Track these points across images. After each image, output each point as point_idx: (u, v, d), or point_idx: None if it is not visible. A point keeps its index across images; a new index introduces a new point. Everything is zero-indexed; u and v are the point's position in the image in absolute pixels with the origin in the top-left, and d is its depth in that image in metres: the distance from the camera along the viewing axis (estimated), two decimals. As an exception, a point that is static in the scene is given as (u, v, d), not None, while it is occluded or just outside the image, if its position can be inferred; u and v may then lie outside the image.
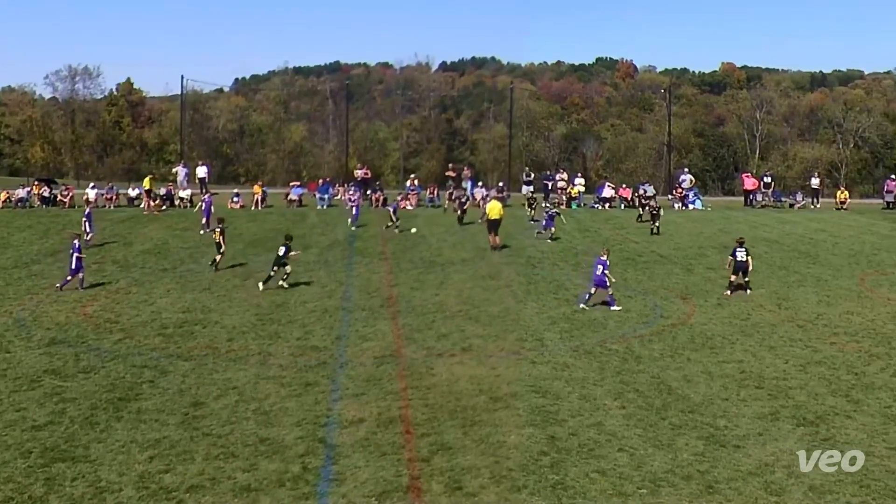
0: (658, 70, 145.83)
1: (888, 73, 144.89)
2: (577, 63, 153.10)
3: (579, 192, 54.30)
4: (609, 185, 55.66)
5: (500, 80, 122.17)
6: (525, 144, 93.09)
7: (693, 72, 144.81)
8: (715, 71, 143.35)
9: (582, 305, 24.72)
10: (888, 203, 54.60)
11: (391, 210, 41.26)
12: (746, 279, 27.31)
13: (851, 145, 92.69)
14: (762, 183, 57.21)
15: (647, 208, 42.84)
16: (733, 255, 27.26)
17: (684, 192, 53.94)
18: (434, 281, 28.64)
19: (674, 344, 20.85)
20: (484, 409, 15.82)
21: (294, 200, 51.93)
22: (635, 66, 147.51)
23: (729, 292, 26.91)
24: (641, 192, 50.98)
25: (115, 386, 16.96)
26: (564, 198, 50.99)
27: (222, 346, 20.27)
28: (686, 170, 60.92)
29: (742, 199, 57.43)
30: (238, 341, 20.67)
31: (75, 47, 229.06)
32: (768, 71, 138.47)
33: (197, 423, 14.98)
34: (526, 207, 45.13)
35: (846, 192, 57.81)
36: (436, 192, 50.10)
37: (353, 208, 42.57)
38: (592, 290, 25.03)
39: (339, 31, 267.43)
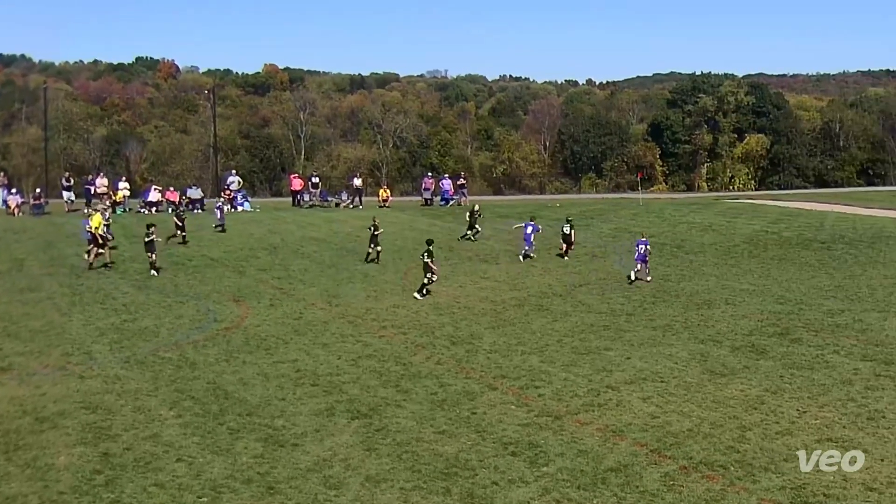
0: (201, 70, 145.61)
1: (421, 76, 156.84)
2: (115, 62, 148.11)
3: (124, 196, 52.31)
4: (156, 189, 54.10)
5: (31, 80, 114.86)
6: (63, 148, 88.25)
7: (237, 73, 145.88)
8: (258, 72, 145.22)
9: (632, 276, 29.21)
10: (426, 200, 58.68)
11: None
12: (565, 248, 34.23)
13: (391, 145, 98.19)
14: (310, 183, 58.80)
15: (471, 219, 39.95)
16: (562, 229, 34.37)
17: (233, 194, 54.03)
18: (-38, 297, 26.26)
19: (228, 348, 20.89)
20: (29, 432, 15.00)
21: None
22: (177, 67, 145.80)
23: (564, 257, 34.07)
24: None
25: None
26: (108, 203, 48.87)
27: None
28: (234, 171, 60.80)
29: (290, 199, 58.61)
30: None
31: None
32: (310, 73, 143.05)
33: None
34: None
35: (388, 191, 61.15)
36: None
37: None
38: (638, 267, 29.28)
39: None
